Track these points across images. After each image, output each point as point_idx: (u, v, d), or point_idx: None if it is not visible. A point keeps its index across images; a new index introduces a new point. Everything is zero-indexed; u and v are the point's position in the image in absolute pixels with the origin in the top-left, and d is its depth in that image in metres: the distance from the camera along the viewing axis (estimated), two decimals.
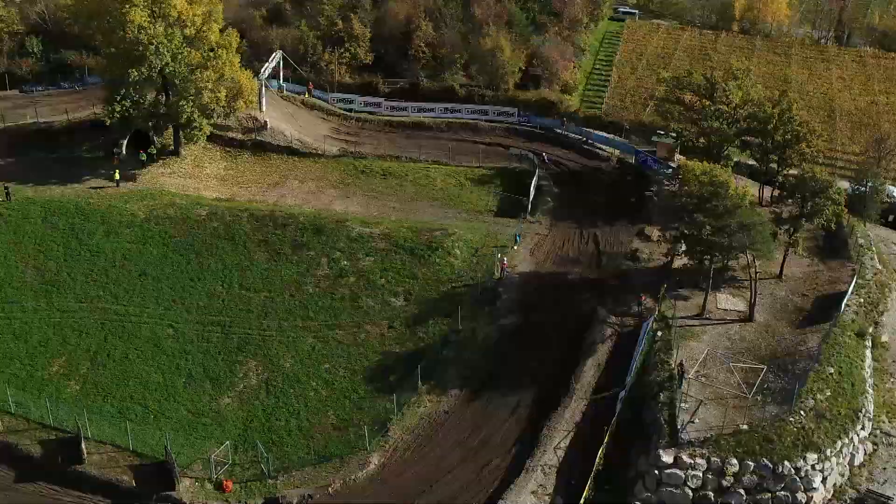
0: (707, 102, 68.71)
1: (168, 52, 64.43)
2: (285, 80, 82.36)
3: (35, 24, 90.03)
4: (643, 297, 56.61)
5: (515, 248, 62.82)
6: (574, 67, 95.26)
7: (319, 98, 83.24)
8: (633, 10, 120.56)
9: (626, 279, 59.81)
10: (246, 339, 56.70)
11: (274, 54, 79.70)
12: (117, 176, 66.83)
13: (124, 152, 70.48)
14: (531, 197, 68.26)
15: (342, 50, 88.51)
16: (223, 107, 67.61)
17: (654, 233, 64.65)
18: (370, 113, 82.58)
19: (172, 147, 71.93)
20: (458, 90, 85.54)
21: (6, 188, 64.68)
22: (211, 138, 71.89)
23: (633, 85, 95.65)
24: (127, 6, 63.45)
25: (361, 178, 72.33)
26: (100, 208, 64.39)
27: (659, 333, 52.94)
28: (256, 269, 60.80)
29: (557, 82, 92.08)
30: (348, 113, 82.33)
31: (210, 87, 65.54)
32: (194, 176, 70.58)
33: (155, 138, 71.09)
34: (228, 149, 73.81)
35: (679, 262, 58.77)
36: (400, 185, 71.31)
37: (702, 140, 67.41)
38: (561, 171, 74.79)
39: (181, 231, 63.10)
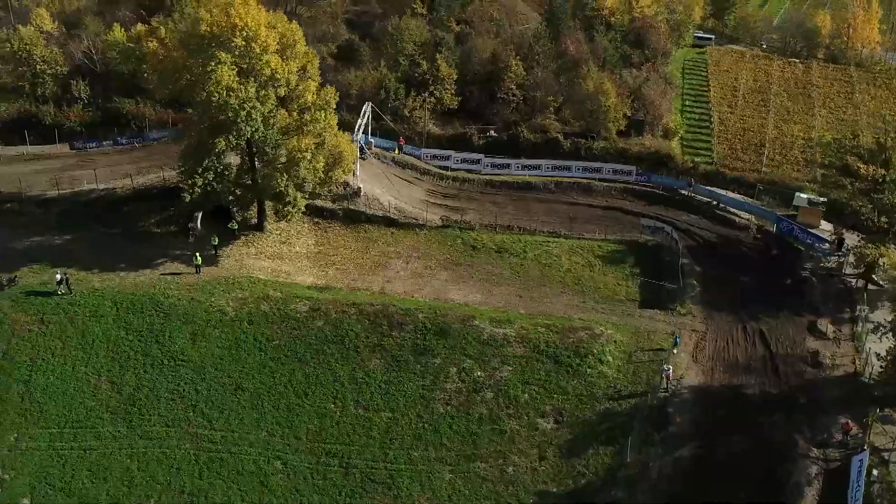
0: (881, 171, 58.94)
1: (260, 116, 54.44)
2: (372, 133, 72.24)
3: (80, 65, 79.88)
4: (849, 425, 46.96)
5: (675, 351, 53.08)
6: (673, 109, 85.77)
7: (410, 154, 73.20)
8: (710, 36, 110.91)
9: (814, 392, 50.20)
10: (370, 475, 46.96)
11: (364, 107, 69.58)
12: (198, 260, 56.76)
13: (199, 227, 60.52)
14: (681, 284, 58.45)
15: (426, 94, 78.71)
16: (320, 178, 57.56)
17: (829, 327, 55.36)
18: (468, 171, 72.59)
19: (255, 221, 61.90)
20: (564, 142, 75.59)
21: (65, 277, 54.69)
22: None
23: (737, 127, 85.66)
24: (213, 64, 53.35)
25: (473, 255, 62.36)
26: (181, 303, 54.42)
27: (875, 472, 43.43)
28: (374, 382, 50.98)
29: (659, 127, 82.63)
30: (444, 171, 72.38)
31: (308, 156, 55.48)
32: (282, 256, 60.58)
33: (235, 212, 61.08)
34: (317, 220, 63.88)
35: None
36: (520, 265, 61.37)
37: (884, 219, 57.63)
38: (696, 244, 64.95)
39: (280, 332, 53.21)
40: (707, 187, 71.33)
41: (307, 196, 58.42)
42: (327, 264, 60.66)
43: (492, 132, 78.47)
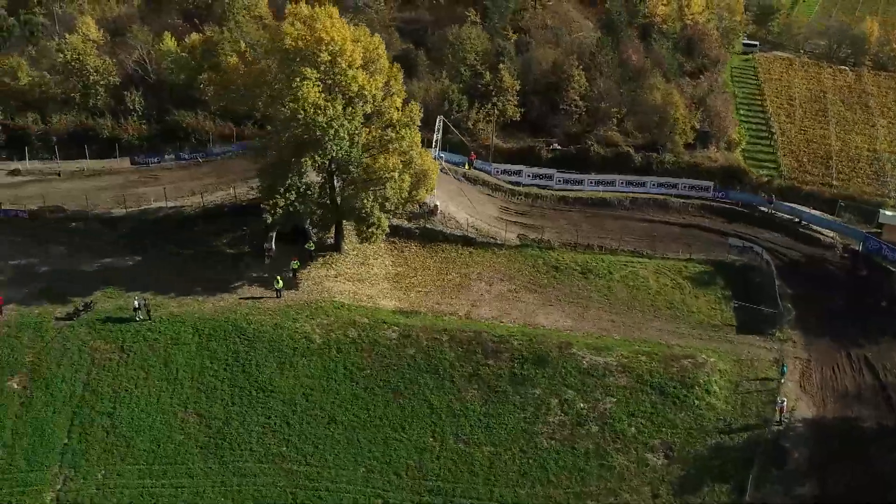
0: None
1: (347, 134, 52.11)
2: (441, 147, 69.89)
3: (132, 75, 77.46)
4: None
5: (783, 381, 50.85)
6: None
7: (480, 169, 70.84)
8: (755, 42, 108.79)
9: None
10: None
11: (437, 122, 67.26)
12: (280, 284, 54.41)
13: (274, 247, 58.19)
14: (779, 308, 56.17)
15: (489, 106, 76.40)
16: (404, 198, 55.26)
17: None
18: (539, 187, 70.27)
19: (332, 241, 59.58)
20: (635, 156, 73.26)
21: (144, 303, 52.40)
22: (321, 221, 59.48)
23: (800, 139, 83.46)
24: (298, 80, 50.98)
25: (557, 276, 60.01)
26: (265, 329, 52.09)
27: None
28: (472, 414, 48.65)
29: (724, 139, 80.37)
30: (515, 187, 70.05)
31: (396, 175, 53.15)
32: (362, 278, 58.21)
33: (312, 231, 58.75)
34: (394, 239, 61.43)
35: None
36: (607, 286, 59.04)
37: None
38: (783, 264, 62.62)
39: (371, 361, 50.89)
40: (786, 203, 69.09)
41: (390, 217, 56.05)
42: (408, 287, 58.29)
43: (556, 145, 76.17)
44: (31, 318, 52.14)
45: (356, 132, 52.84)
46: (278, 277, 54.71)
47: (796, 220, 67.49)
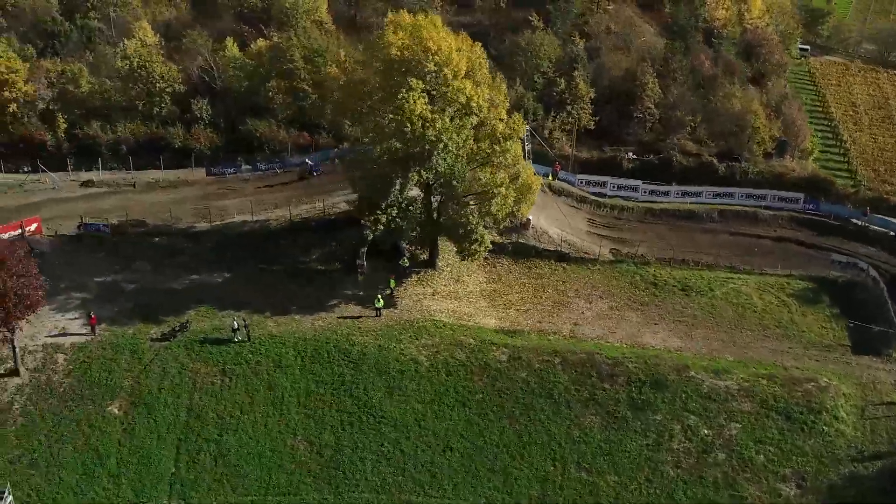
0: None
1: (456, 147, 50.07)
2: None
3: (196, 82, 75.24)
4: None
5: None
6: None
7: (563, 180, 68.72)
8: (806, 46, 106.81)
9: None
10: None
11: (525, 131, 65.10)
12: (380, 303, 52.35)
13: (365, 264, 56.10)
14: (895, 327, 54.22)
15: (564, 114, 74.36)
16: (507, 214, 53.19)
17: None
18: (623, 198, 68.20)
19: (425, 257, 57.52)
20: (718, 166, 71.20)
21: (245, 323, 50.34)
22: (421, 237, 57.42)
23: (871, 147, 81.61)
24: (405, 91, 48.92)
25: (657, 293, 57.96)
26: (369, 351, 50.04)
27: None
28: (593, 441, 46.64)
29: (799, 148, 78.39)
30: (600, 199, 67.97)
31: (503, 190, 51.08)
32: (458, 295, 56.13)
33: (405, 247, 56.68)
34: (486, 255, 59.29)
35: None
36: (710, 304, 57.00)
37: None
38: (885, 280, 60.44)
39: (482, 385, 48.85)
40: (878, 216, 67.09)
41: (492, 232, 54.04)
42: (505, 304, 56.22)
43: (631, 154, 74.15)
44: (126, 339, 50.05)
45: (462, 146, 50.76)
46: (379, 296, 52.63)
47: (892, 233, 65.44)
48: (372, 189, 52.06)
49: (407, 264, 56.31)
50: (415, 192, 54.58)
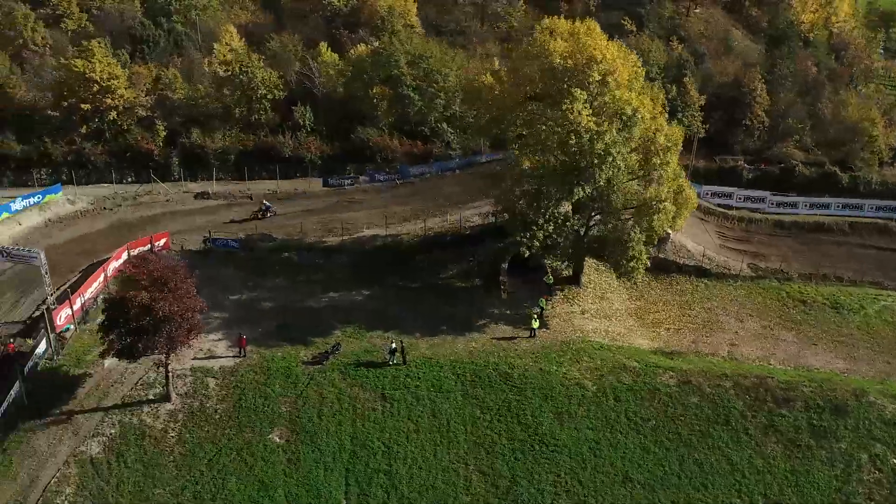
0: None
1: (622, 160, 47.78)
2: None
3: (296, 89, 72.91)
4: None
5: None
6: None
7: None
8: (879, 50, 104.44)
9: None
10: None
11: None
12: (536, 323, 50.05)
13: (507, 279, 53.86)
14: None
15: (675, 122, 71.87)
16: (665, 230, 50.94)
17: None
18: (750, 210, 65.92)
19: (567, 274, 55.18)
20: (842, 176, 68.93)
21: (401, 346, 48.00)
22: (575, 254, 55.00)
23: None
24: (567, 101, 46.61)
25: (808, 312, 55.67)
26: (531, 374, 47.68)
27: None
28: (778, 472, 44.16)
29: None
30: (727, 211, 65.68)
31: (667, 205, 48.79)
32: (606, 314, 53.81)
33: (547, 264, 54.33)
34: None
35: None
36: (865, 323, 54.74)
37: None
38: None
39: (653, 411, 46.46)
40: None
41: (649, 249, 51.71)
42: (654, 323, 53.96)
43: (741, 163, 71.93)
44: (277, 362, 47.74)
45: (626, 158, 48.49)
46: (534, 316, 50.32)
47: None
48: (528, 204, 49.65)
49: (551, 281, 54.01)
50: (564, 207, 52.21)
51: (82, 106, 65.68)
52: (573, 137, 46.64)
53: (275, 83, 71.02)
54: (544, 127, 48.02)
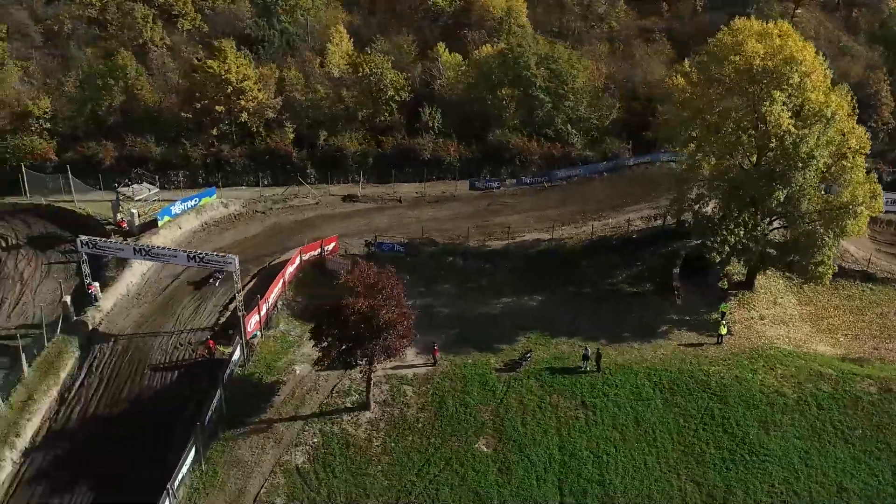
0: None
1: (824, 164, 46.87)
2: None
3: (420, 90, 71.98)
4: None
5: None
6: None
7: None
8: None
9: None
10: None
11: None
12: (724, 330, 49.22)
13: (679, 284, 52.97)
14: None
15: None
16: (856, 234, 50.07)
17: None
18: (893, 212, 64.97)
19: (740, 279, 54.26)
20: None
21: (597, 352, 47.10)
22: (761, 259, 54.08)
23: None
24: (767, 104, 45.71)
25: None
26: (728, 382, 46.82)
27: None
28: None
29: None
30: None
31: (863, 209, 47.87)
32: (783, 319, 52.92)
33: (728, 269, 53.38)
34: (789, 274, 56.12)
35: None
36: None
37: None
38: None
39: (858, 420, 45.50)
40: None
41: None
42: (829, 329, 53.07)
43: (881, 165, 71.08)
44: (470, 370, 46.92)
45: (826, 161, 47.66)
46: (724, 323, 49.46)
47: None
48: (722, 207, 48.74)
49: (726, 286, 53.12)
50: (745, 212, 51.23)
51: (217, 108, 64.92)
52: (774, 140, 45.70)
53: (402, 84, 70.22)
54: (740, 129, 47.05)
